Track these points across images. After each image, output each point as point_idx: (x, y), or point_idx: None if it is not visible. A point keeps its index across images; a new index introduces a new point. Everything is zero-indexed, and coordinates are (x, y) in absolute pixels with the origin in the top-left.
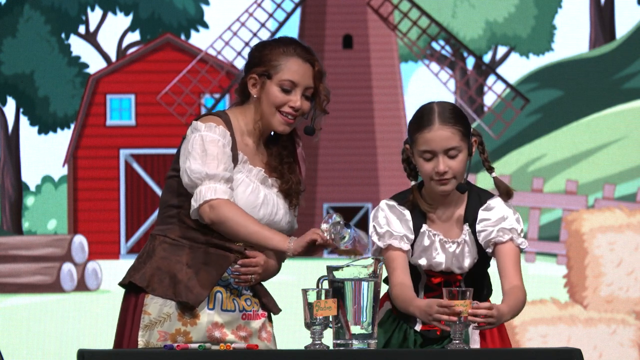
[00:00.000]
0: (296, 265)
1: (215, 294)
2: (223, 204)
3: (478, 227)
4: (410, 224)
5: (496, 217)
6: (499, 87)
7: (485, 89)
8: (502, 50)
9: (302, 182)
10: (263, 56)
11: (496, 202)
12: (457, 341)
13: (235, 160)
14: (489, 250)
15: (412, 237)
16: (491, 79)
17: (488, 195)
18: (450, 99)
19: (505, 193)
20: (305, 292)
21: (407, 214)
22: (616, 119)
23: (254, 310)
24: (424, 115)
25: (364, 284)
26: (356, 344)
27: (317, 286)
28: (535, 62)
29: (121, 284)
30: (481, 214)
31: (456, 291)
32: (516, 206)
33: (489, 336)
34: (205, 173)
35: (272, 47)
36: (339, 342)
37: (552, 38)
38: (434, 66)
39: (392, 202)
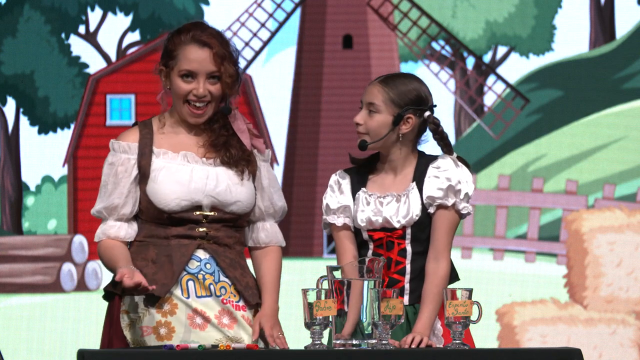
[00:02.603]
0: (296, 265)
1: (187, 282)
2: (98, 247)
3: (426, 182)
4: (348, 188)
5: (445, 175)
6: (499, 87)
7: (485, 89)
8: (502, 50)
9: (245, 150)
10: (166, 46)
11: (447, 161)
12: (458, 341)
13: (146, 158)
14: (431, 210)
15: (348, 203)
16: (491, 79)
17: (438, 156)
18: (450, 98)
19: (459, 158)
20: (305, 292)
21: (346, 181)
22: (616, 119)
23: (230, 300)
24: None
25: (364, 284)
26: (356, 344)
27: (317, 286)
28: (535, 62)
29: (103, 298)
30: (431, 170)
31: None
32: (516, 206)
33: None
34: (94, 214)
35: (173, 36)
36: (339, 342)
37: (552, 38)
38: (434, 66)
39: (338, 171)
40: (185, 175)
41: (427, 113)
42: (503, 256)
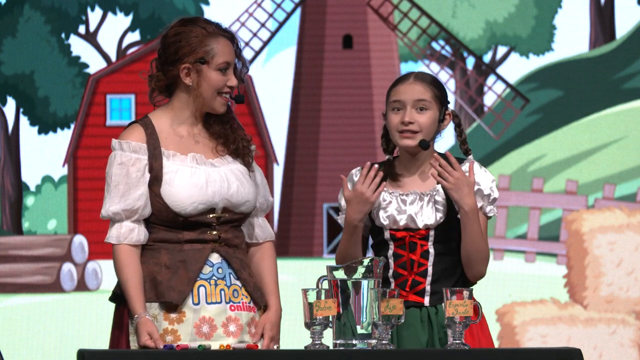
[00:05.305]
0: (296, 265)
1: (198, 288)
2: (115, 250)
3: None
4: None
5: (475, 179)
6: (499, 87)
7: (485, 89)
8: (502, 50)
9: (249, 140)
10: (191, 43)
11: (474, 165)
12: (458, 341)
13: (158, 160)
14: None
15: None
16: (491, 79)
17: (463, 159)
18: (451, 99)
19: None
20: (305, 292)
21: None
22: (616, 119)
23: (243, 302)
24: (402, 75)
25: (364, 283)
26: (356, 344)
27: (317, 286)
28: (535, 62)
29: (110, 300)
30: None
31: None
32: (516, 206)
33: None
34: (109, 216)
35: (192, 31)
36: (339, 342)
37: (552, 38)
38: (434, 66)
39: (355, 170)
40: (201, 179)
41: (451, 108)
42: (503, 256)
